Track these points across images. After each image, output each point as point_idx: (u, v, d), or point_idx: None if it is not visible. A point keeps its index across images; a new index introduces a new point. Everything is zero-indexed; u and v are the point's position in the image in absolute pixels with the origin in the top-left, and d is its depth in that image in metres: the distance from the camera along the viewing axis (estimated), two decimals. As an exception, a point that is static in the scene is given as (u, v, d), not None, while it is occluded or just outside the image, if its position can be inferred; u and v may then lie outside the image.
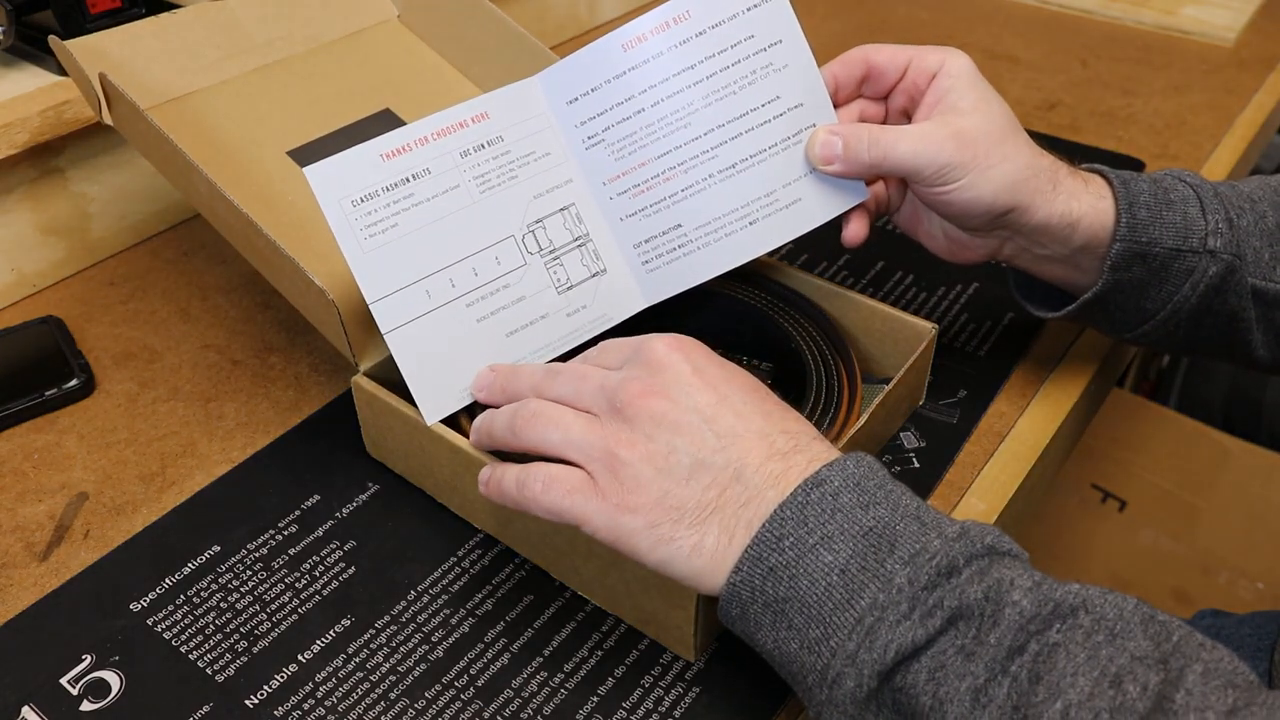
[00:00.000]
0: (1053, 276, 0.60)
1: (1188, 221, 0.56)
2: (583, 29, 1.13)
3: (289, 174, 0.66)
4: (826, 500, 0.42)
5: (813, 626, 0.41)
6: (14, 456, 0.63)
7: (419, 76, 0.75)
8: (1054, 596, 0.39)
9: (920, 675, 0.39)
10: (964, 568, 0.40)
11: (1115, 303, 0.58)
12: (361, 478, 0.60)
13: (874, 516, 0.42)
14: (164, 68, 0.67)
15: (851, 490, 0.42)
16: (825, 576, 0.41)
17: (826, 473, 0.43)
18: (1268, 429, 1.40)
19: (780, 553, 0.41)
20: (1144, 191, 0.56)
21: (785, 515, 0.42)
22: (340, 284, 0.60)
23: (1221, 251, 0.56)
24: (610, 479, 0.44)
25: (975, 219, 0.56)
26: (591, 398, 0.46)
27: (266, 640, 0.52)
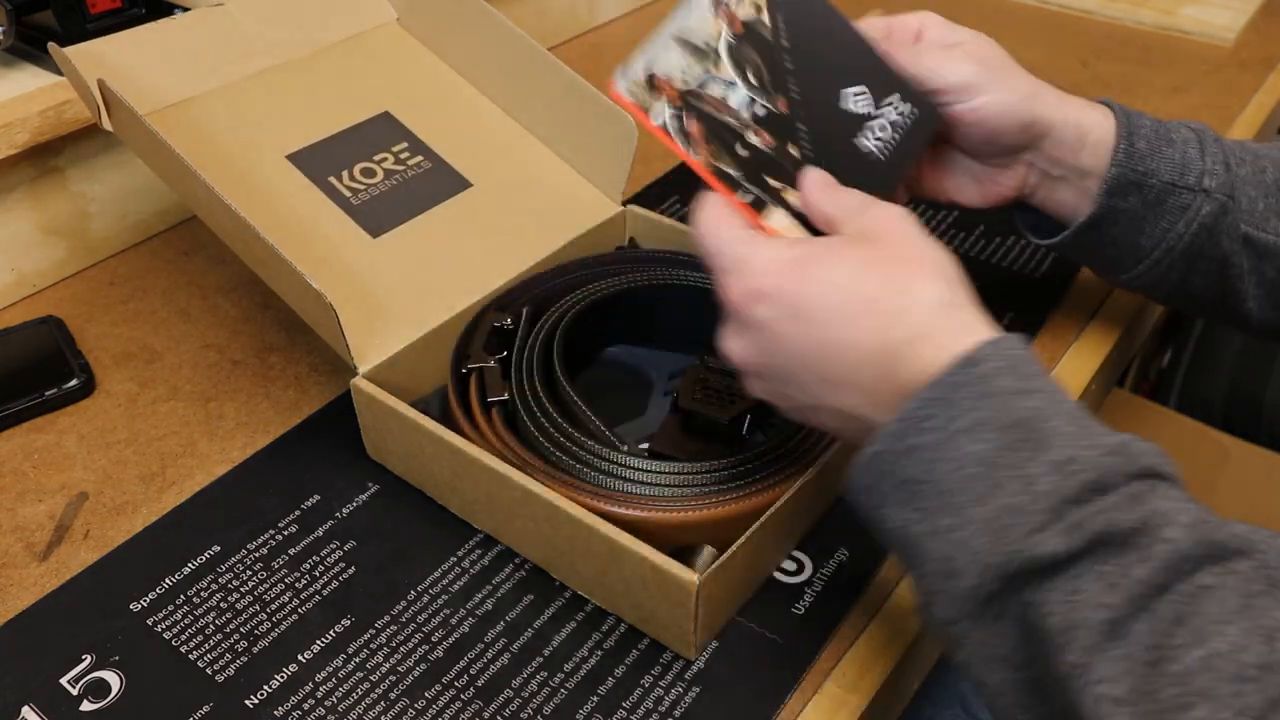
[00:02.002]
0: (1062, 205, 0.61)
1: (1186, 159, 0.58)
2: (582, 29, 1.13)
3: (289, 178, 0.66)
4: (983, 382, 0.39)
5: (943, 514, 0.39)
6: (14, 456, 0.63)
7: (418, 79, 0.75)
8: (1215, 537, 0.36)
9: (1053, 593, 0.36)
10: (1117, 488, 0.37)
11: (1111, 236, 0.60)
12: (361, 478, 0.60)
13: (1029, 406, 0.38)
14: (163, 73, 0.67)
15: (1009, 374, 0.39)
16: (966, 465, 0.38)
17: (988, 350, 0.40)
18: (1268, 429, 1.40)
19: (922, 433, 0.39)
20: (1145, 126, 0.59)
21: (933, 395, 0.39)
22: (339, 287, 0.60)
23: (1216, 191, 0.58)
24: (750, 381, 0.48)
25: (1006, 135, 0.57)
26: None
27: (266, 640, 0.52)
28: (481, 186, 0.70)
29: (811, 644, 0.51)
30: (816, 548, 0.56)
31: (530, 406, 0.57)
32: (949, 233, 0.80)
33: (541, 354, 0.60)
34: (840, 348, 0.42)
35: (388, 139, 0.70)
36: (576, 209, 0.71)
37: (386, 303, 0.62)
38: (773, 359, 0.45)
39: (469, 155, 0.71)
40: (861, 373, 0.42)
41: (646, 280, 0.66)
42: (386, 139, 0.70)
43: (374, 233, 0.65)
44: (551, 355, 0.60)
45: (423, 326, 0.61)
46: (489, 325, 0.61)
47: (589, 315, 0.64)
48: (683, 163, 0.47)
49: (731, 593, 0.51)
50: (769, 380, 0.46)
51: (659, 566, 0.48)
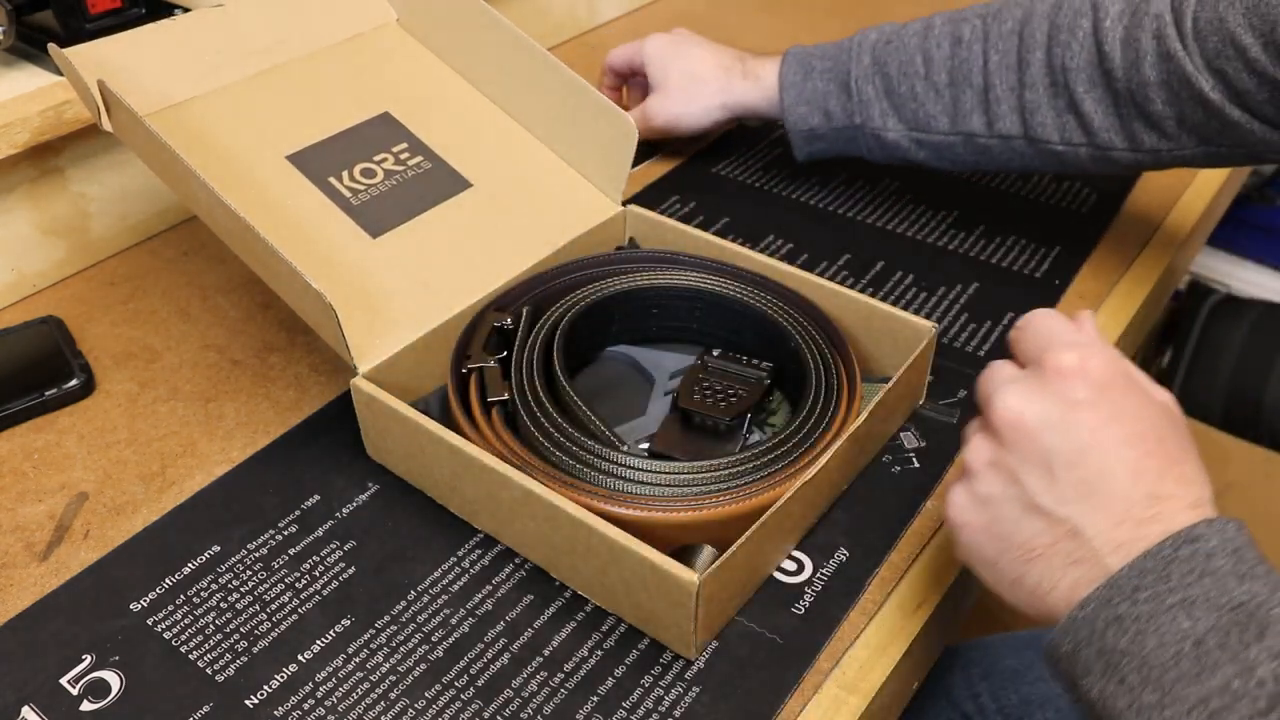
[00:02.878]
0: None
1: (840, 107, 0.75)
2: (582, 29, 1.13)
3: (288, 178, 0.66)
4: (1197, 559, 0.38)
5: (1148, 690, 0.37)
6: (14, 456, 0.63)
7: (418, 80, 0.75)
8: None
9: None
10: None
11: (830, 155, 0.79)
12: (361, 478, 0.60)
13: (1248, 591, 0.38)
14: (162, 74, 0.67)
15: (1228, 555, 0.38)
16: (1177, 642, 0.37)
17: (1204, 530, 0.39)
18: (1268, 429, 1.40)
19: (1133, 604, 0.38)
20: (807, 89, 0.76)
21: (1146, 566, 0.38)
22: (338, 287, 0.60)
23: (865, 125, 0.75)
24: (962, 486, 0.45)
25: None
26: (985, 405, 0.46)
27: (266, 640, 0.52)
28: (481, 186, 0.70)
29: (811, 644, 0.51)
30: (816, 548, 0.56)
31: (530, 406, 0.57)
32: (949, 232, 0.80)
33: (541, 354, 0.60)
34: (1122, 462, 0.41)
35: (388, 139, 0.70)
36: (576, 209, 0.71)
37: (386, 303, 0.62)
38: (1050, 432, 0.42)
39: (469, 155, 0.71)
40: (1127, 499, 0.41)
41: (647, 280, 0.66)
42: (386, 139, 0.70)
43: (374, 233, 0.65)
44: (552, 355, 0.60)
45: (423, 326, 0.61)
46: (489, 325, 0.61)
47: (589, 315, 0.64)
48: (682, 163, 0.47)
49: (731, 593, 0.51)
50: (1021, 453, 0.43)
51: (659, 566, 0.48)
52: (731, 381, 0.60)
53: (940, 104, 0.71)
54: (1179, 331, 1.52)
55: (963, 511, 0.45)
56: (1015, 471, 0.42)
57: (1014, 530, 0.42)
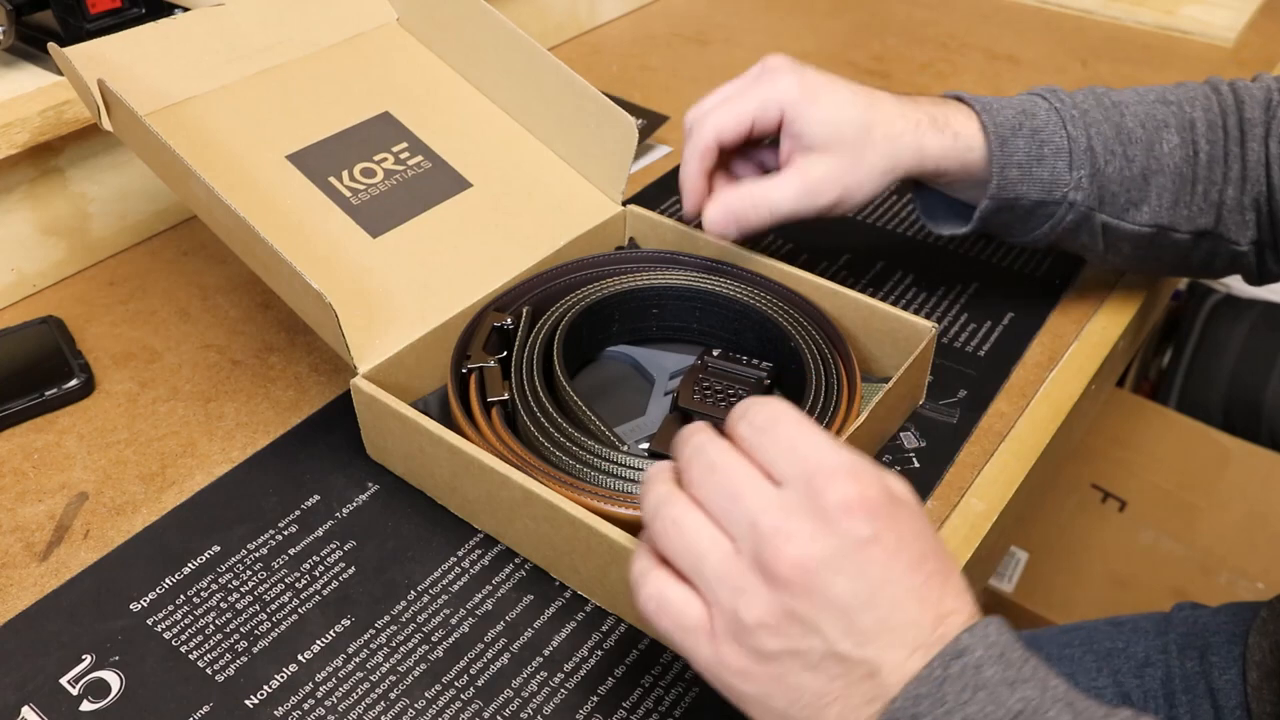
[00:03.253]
0: (945, 191, 0.68)
1: (1055, 176, 0.63)
2: (582, 29, 1.13)
3: (289, 178, 0.66)
4: (968, 674, 0.37)
5: None
6: (14, 456, 0.63)
7: (418, 79, 0.75)
8: None
9: None
10: None
11: (989, 231, 0.67)
12: (361, 478, 0.60)
13: (1020, 698, 0.36)
14: (163, 73, 0.67)
15: (995, 663, 0.37)
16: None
17: (967, 640, 0.37)
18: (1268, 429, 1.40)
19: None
20: (1019, 150, 0.63)
21: (921, 691, 0.36)
22: (338, 287, 0.60)
23: (1080, 204, 0.64)
24: (729, 635, 0.39)
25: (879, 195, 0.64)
26: (738, 526, 0.39)
27: (266, 640, 0.52)
28: (481, 186, 0.70)
29: (811, 644, 0.51)
30: (816, 548, 0.56)
31: (530, 406, 0.57)
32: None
33: (541, 354, 0.60)
34: (911, 591, 0.38)
35: (388, 139, 0.70)
36: (576, 209, 0.71)
37: (386, 303, 0.62)
38: (844, 577, 0.38)
39: (469, 155, 0.71)
40: (920, 627, 0.38)
41: (646, 280, 0.66)
42: (386, 139, 0.70)
43: (374, 233, 0.65)
44: (552, 355, 0.60)
45: (423, 326, 0.61)
46: (489, 325, 0.61)
47: (589, 315, 0.64)
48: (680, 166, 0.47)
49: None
50: (814, 602, 0.38)
51: (659, 566, 0.48)
52: (731, 381, 0.60)
53: (1143, 191, 0.64)
54: (1179, 331, 1.52)
55: (741, 667, 0.39)
56: (812, 622, 0.38)
57: (809, 680, 0.38)
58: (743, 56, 1.08)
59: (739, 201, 0.62)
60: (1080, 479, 1.33)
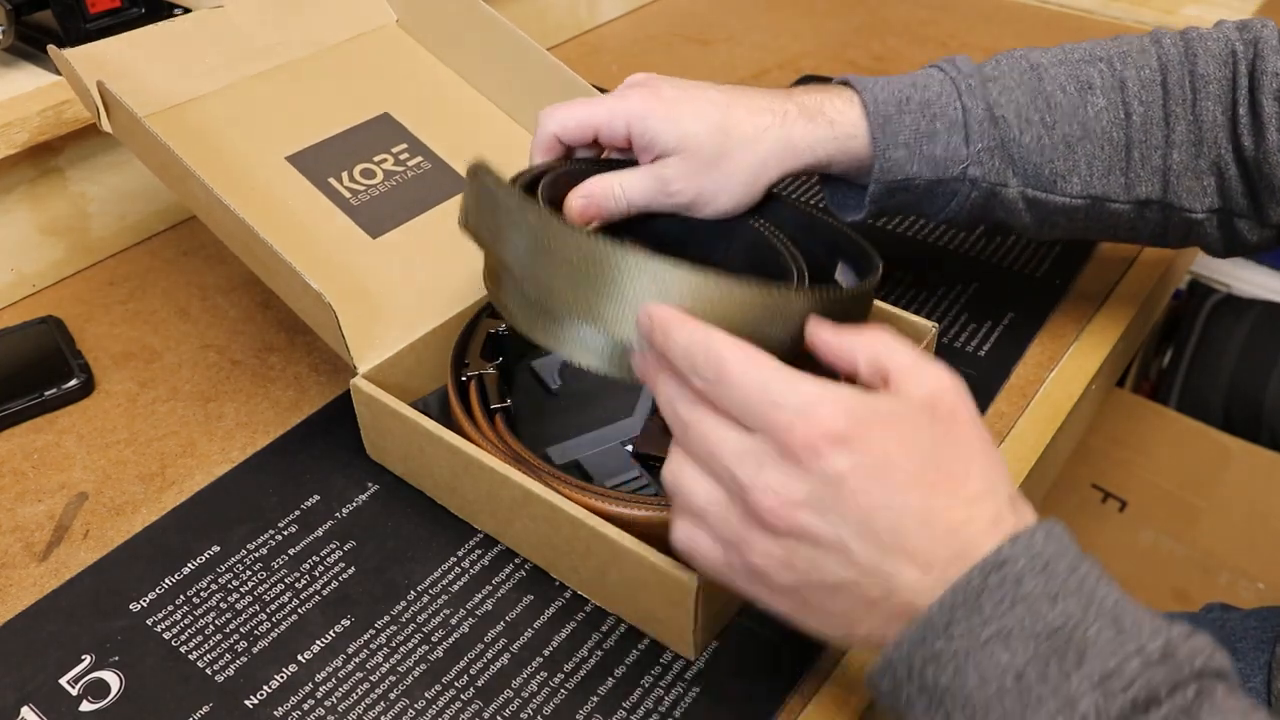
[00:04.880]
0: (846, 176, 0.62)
1: (949, 153, 0.58)
2: (582, 29, 1.13)
3: (288, 178, 0.66)
4: (1007, 586, 0.36)
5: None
6: (14, 456, 0.63)
7: (418, 80, 0.75)
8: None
9: None
10: (1166, 698, 0.34)
11: (890, 214, 0.63)
12: (361, 478, 0.60)
13: (1062, 612, 0.36)
14: (162, 75, 0.67)
15: (1038, 574, 0.36)
16: (998, 678, 0.35)
17: (1010, 550, 0.36)
18: (1268, 429, 1.40)
19: (949, 640, 0.36)
20: (905, 129, 0.58)
21: (956, 600, 0.36)
22: (338, 287, 0.60)
23: (981, 179, 0.59)
24: (747, 576, 0.40)
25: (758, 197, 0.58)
26: (724, 479, 0.39)
27: (266, 640, 0.52)
28: (481, 186, 0.70)
29: (811, 644, 0.51)
30: (816, 548, 0.56)
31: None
32: (949, 232, 0.80)
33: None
34: (913, 513, 0.37)
35: (387, 140, 0.70)
36: (576, 209, 0.71)
37: (386, 303, 0.62)
38: (828, 517, 0.38)
39: (469, 155, 0.71)
40: (928, 543, 0.38)
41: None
42: (386, 140, 0.70)
43: (374, 233, 0.65)
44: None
45: (423, 327, 0.61)
46: (484, 332, 0.61)
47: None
48: None
49: (731, 593, 0.51)
50: (809, 544, 0.38)
51: (659, 566, 0.48)
52: None
53: (1069, 161, 0.59)
54: (1179, 331, 1.52)
55: (769, 598, 0.40)
56: (813, 559, 0.38)
57: (832, 604, 0.39)
58: (743, 56, 1.08)
59: (598, 186, 0.56)
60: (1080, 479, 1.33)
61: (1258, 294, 1.54)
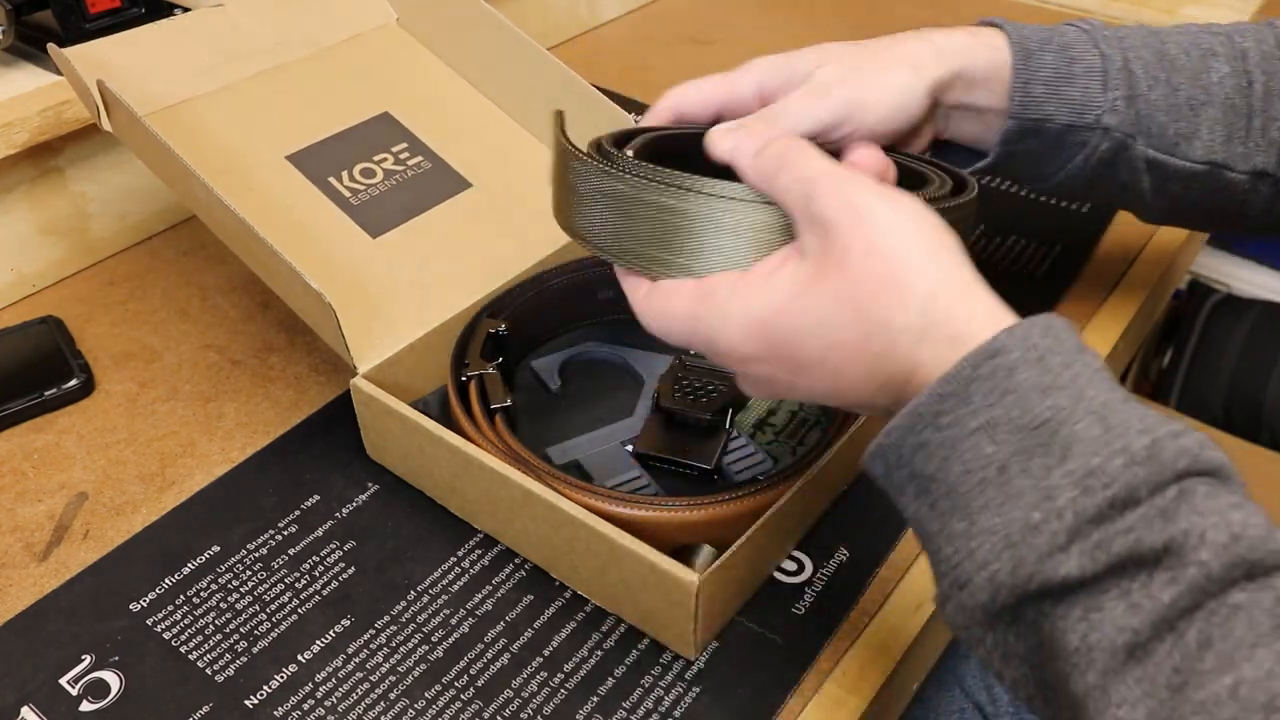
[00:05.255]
0: (966, 136, 0.60)
1: (1086, 97, 0.57)
2: (583, 28, 1.13)
3: (288, 178, 0.66)
4: (999, 376, 0.36)
5: (956, 517, 0.36)
6: (13, 456, 0.63)
7: (418, 79, 0.75)
8: (1252, 555, 0.32)
9: (1071, 610, 0.34)
10: (1146, 499, 0.34)
11: (1011, 170, 0.60)
12: (361, 478, 0.60)
13: (1050, 405, 0.35)
14: (162, 74, 0.67)
15: (1032, 366, 0.36)
16: (982, 468, 0.36)
17: (1005, 340, 0.36)
18: (1268, 429, 1.40)
19: (937, 429, 0.37)
20: (1045, 64, 0.57)
21: (946, 390, 0.37)
22: (338, 287, 0.60)
23: (1116, 129, 0.57)
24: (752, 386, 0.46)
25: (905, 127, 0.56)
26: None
27: (266, 640, 0.52)
28: (481, 186, 0.70)
29: (811, 644, 0.51)
30: (816, 548, 0.56)
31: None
32: (949, 233, 0.80)
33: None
34: (846, 386, 0.41)
35: (387, 139, 0.70)
36: (576, 209, 0.71)
37: (386, 303, 0.62)
38: (793, 393, 0.44)
39: (469, 155, 0.71)
40: (879, 403, 0.41)
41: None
42: (386, 139, 0.70)
43: (374, 233, 0.65)
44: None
45: (423, 326, 0.61)
46: (484, 332, 0.61)
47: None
48: None
49: (731, 593, 0.51)
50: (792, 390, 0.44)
51: (659, 566, 0.48)
52: (710, 378, 0.60)
53: (1192, 123, 0.57)
54: (1179, 331, 1.52)
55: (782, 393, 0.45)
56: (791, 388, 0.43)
57: (817, 393, 0.43)
58: (743, 56, 1.08)
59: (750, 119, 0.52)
60: (1080, 479, 1.33)
61: (1258, 294, 1.54)
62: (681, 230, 0.43)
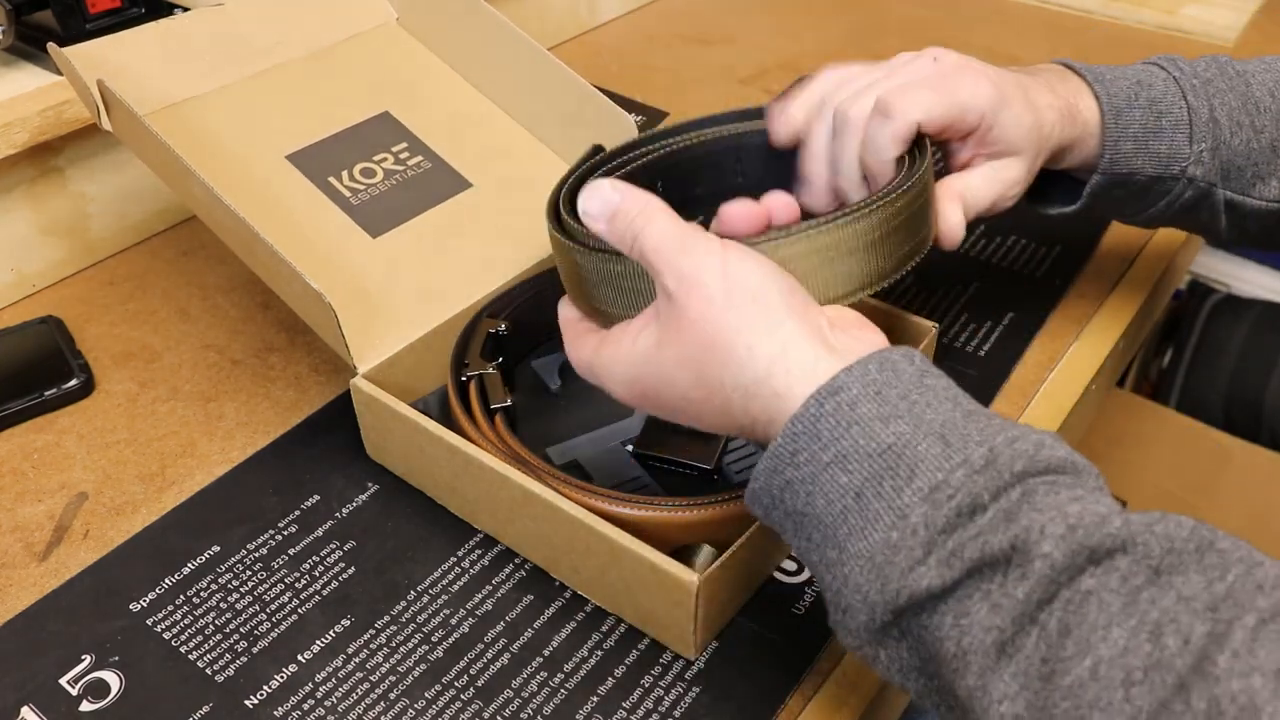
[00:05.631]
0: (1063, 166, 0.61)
1: (1173, 150, 0.58)
2: (583, 29, 1.13)
3: (288, 177, 0.66)
4: (842, 411, 0.38)
5: (828, 547, 0.39)
6: (13, 456, 0.63)
7: (418, 79, 0.75)
8: (1090, 541, 0.35)
9: (944, 619, 0.36)
10: (989, 504, 0.36)
11: (1094, 212, 0.62)
12: (361, 478, 0.60)
13: (893, 432, 0.38)
14: (162, 74, 0.67)
15: (870, 400, 0.39)
16: (840, 498, 0.38)
17: (844, 379, 0.39)
18: (1268, 429, 1.40)
19: (795, 468, 0.39)
20: (1134, 123, 0.58)
21: (798, 429, 0.39)
22: (338, 287, 0.60)
23: (1201, 180, 0.59)
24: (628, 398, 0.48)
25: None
26: None
27: (266, 640, 0.52)
28: (481, 186, 0.70)
29: (811, 644, 0.51)
30: (816, 548, 0.56)
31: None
32: (949, 233, 0.80)
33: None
34: (716, 426, 0.44)
35: (387, 139, 0.70)
36: (576, 209, 0.71)
37: (386, 303, 0.62)
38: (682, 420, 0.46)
39: (469, 155, 0.71)
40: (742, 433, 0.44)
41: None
42: (386, 139, 0.70)
43: (374, 233, 0.65)
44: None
45: (423, 326, 0.61)
46: (484, 332, 0.61)
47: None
48: None
49: (731, 593, 0.51)
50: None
51: (659, 566, 0.48)
52: None
53: (1272, 164, 0.59)
54: (1179, 331, 1.52)
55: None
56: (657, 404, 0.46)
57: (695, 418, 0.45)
58: (743, 56, 1.08)
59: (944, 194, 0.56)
60: (1080, 479, 1.33)
61: (1258, 294, 1.54)
62: (585, 281, 0.49)
